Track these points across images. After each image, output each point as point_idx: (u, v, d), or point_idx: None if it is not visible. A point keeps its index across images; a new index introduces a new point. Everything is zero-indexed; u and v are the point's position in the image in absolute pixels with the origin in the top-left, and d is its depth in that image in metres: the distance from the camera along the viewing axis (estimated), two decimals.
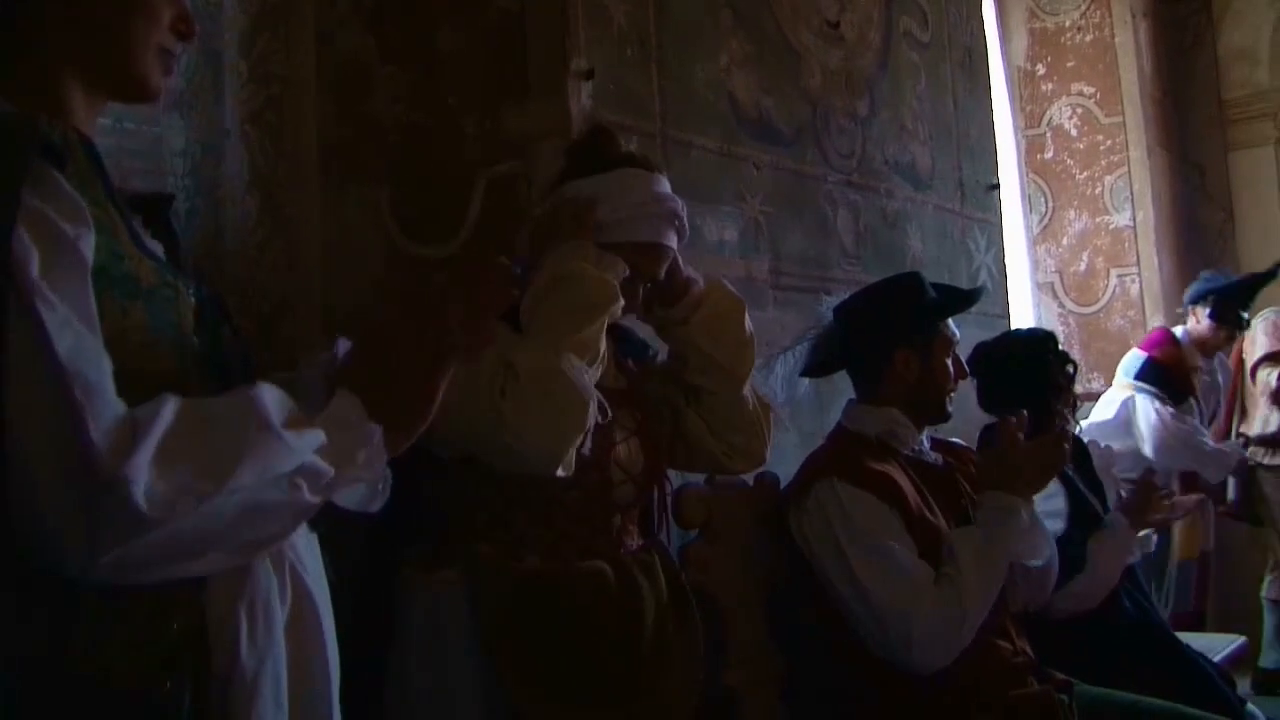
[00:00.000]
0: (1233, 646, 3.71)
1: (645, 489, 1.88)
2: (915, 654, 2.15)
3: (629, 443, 1.86)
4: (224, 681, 1.07)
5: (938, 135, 3.77)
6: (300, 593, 1.17)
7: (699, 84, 2.87)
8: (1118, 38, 5.76)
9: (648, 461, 1.87)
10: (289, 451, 1.04)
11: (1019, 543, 2.29)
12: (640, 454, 1.87)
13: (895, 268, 3.20)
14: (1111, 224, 5.71)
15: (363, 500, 1.13)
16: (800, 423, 2.82)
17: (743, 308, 2.07)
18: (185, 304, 1.17)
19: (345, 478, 1.09)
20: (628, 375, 1.95)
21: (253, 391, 1.06)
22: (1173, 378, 4.50)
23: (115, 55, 1.18)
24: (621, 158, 1.93)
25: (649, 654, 1.77)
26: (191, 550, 1.01)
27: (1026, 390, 3.01)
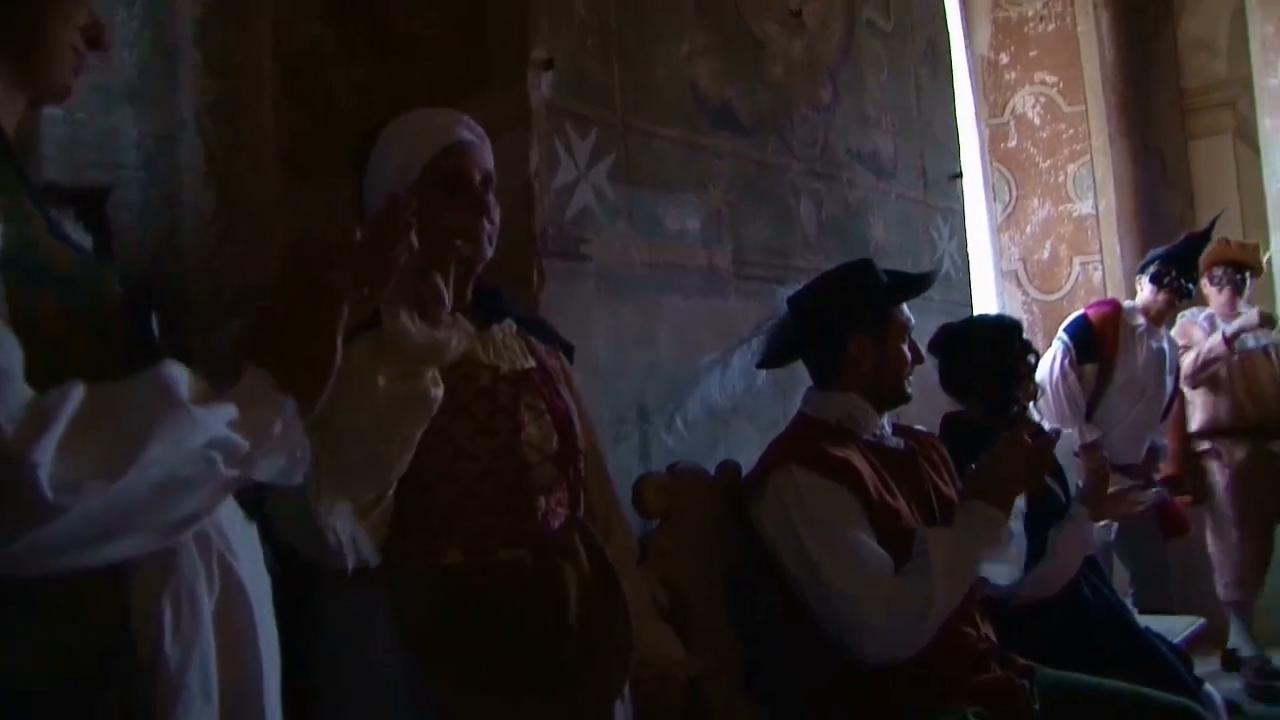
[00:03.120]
0: (1193, 628, 3.75)
1: (565, 467, 1.86)
2: (868, 644, 2.16)
3: (539, 423, 1.84)
4: (148, 674, 1.06)
5: (900, 124, 3.78)
6: (230, 581, 1.15)
7: (661, 73, 2.87)
8: (1080, 27, 5.80)
9: (561, 439, 1.86)
10: (198, 425, 1.03)
11: (992, 556, 2.31)
12: (553, 432, 1.86)
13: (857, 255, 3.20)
14: (1074, 212, 5.76)
15: (283, 473, 1.13)
16: (760, 412, 2.83)
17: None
18: (110, 294, 1.16)
19: (262, 450, 1.09)
20: (535, 355, 1.94)
21: (159, 370, 1.05)
22: (1093, 337, 4.60)
23: (28, 51, 1.18)
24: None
25: (575, 639, 1.77)
26: (107, 533, 1.00)
27: (989, 376, 3.04)
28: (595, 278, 2.61)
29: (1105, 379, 4.62)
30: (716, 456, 2.64)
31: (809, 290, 2.52)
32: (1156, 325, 4.71)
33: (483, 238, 1.86)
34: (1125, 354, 4.62)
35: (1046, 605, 2.81)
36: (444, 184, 1.83)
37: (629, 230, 2.71)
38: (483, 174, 1.88)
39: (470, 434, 1.76)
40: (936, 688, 2.23)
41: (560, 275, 2.53)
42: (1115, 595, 3.12)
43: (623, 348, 2.66)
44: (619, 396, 2.63)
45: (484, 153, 1.91)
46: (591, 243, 2.61)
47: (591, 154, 2.63)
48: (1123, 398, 4.62)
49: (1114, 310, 4.71)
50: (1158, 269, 4.62)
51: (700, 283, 2.89)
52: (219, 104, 2.40)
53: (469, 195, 1.85)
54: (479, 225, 1.85)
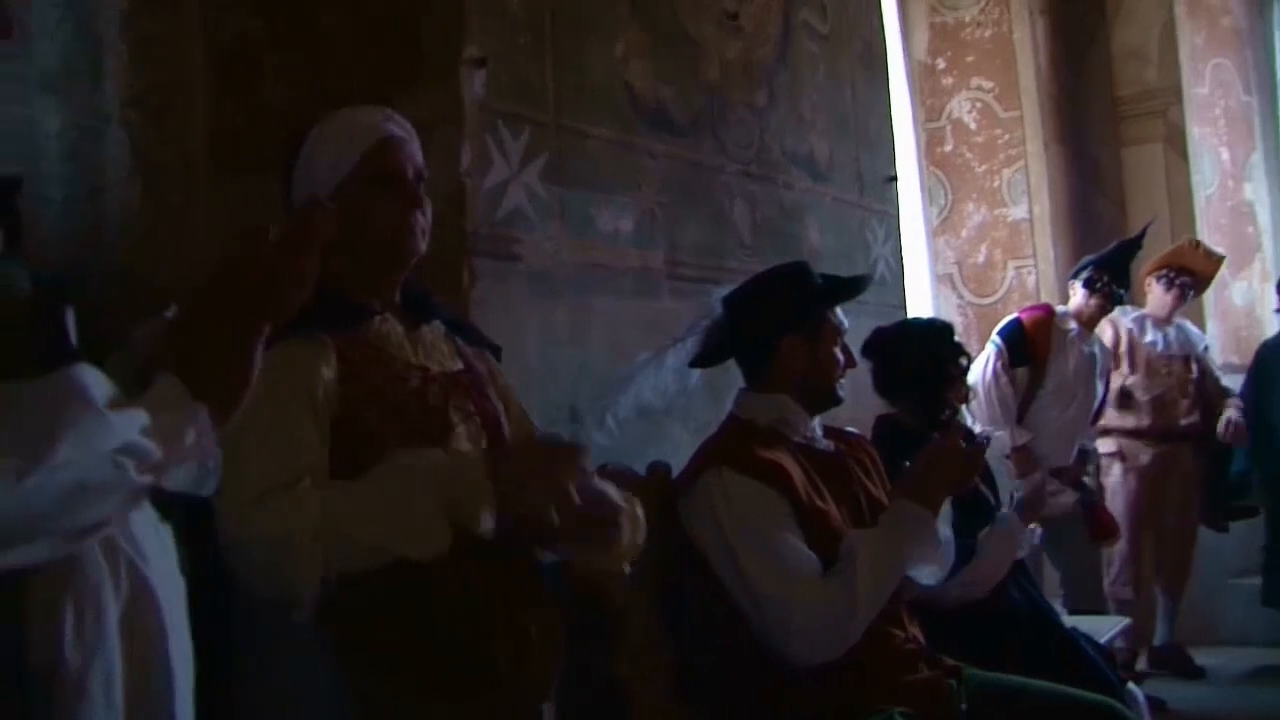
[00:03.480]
0: (1118, 628, 3.80)
1: None
2: (794, 645, 2.17)
3: (468, 424, 1.83)
4: (46, 680, 1.04)
5: (836, 127, 3.80)
6: (138, 586, 1.12)
7: (595, 73, 2.86)
8: (1016, 34, 5.87)
9: (490, 442, 1.86)
10: (110, 428, 1.01)
11: (918, 555, 2.33)
12: (481, 434, 1.85)
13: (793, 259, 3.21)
14: (1009, 216, 5.82)
15: (194, 482, 1.11)
16: (694, 413, 2.83)
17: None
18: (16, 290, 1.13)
19: (174, 459, 1.06)
20: (463, 357, 1.93)
21: (70, 371, 1.03)
22: (1025, 340, 4.64)
23: None
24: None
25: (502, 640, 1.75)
26: (10, 538, 0.97)
27: (921, 379, 3.06)
28: (526, 278, 2.60)
29: (1037, 382, 4.67)
30: (648, 457, 2.63)
31: (743, 290, 2.52)
32: (1088, 330, 4.76)
33: (416, 233, 1.85)
34: (1057, 358, 4.67)
35: (975, 607, 2.83)
36: (375, 180, 1.83)
37: (561, 230, 2.70)
38: (414, 169, 1.87)
39: (401, 435, 1.75)
40: (864, 688, 2.24)
41: (491, 275, 2.52)
42: (1043, 597, 3.15)
43: (554, 348, 2.65)
44: (549, 397, 2.62)
45: (415, 149, 1.90)
46: (523, 243, 2.60)
47: (524, 153, 2.62)
48: (1054, 401, 4.66)
49: (1047, 315, 4.76)
50: (1090, 274, 4.68)
51: (633, 284, 2.89)
52: (146, 96, 2.35)
53: (401, 190, 1.84)
54: (411, 220, 1.84)
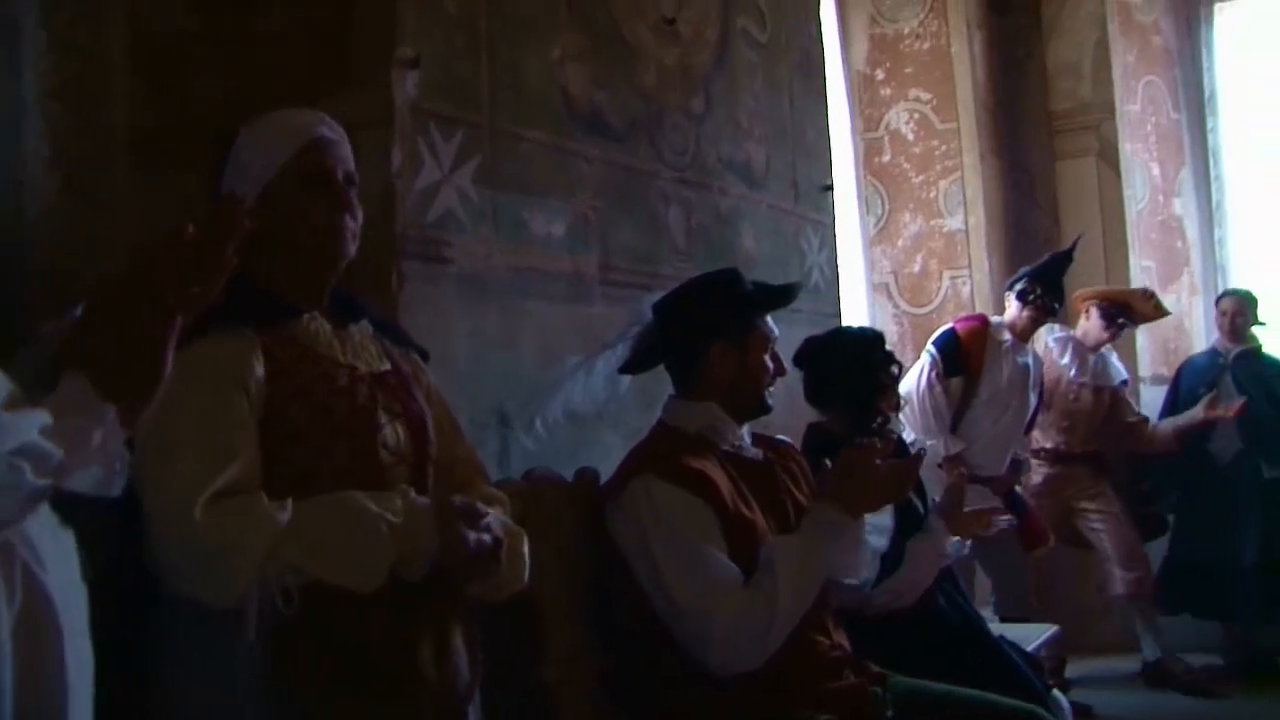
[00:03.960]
0: (1046, 635, 3.84)
1: (418, 471, 1.86)
2: (714, 655, 2.17)
3: (395, 425, 1.83)
4: None
5: (773, 135, 3.81)
6: (35, 594, 1.10)
7: (531, 76, 2.84)
8: (954, 47, 5.92)
9: (415, 443, 1.85)
10: (5, 430, 0.98)
11: (840, 560, 2.33)
12: (408, 435, 1.84)
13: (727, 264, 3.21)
14: (945, 227, 5.87)
15: (99, 484, 1.08)
16: (626, 420, 2.82)
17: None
18: None
19: (77, 460, 1.04)
20: (390, 358, 1.92)
21: None
22: (960, 350, 4.70)
23: None
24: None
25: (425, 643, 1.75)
26: None
27: (852, 387, 3.07)
28: (456, 281, 2.58)
29: (970, 392, 4.72)
30: (579, 463, 2.62)
31: (673, 296, 2.52)
32: (1022, 341, 4.82)
33: (345, 235, 1.84)
34: (991, 368, 4.72)
35: (901, 615, 2.85)
36: (305, 181, 1.82)
37: (493, 234, 2.69)
38: (345, 172, 1.86)
39: (328, 433, 1.75)
40: (788, 695, 2.24)
41: (420, 278, 2.50)
42: (970, 605, 3.17)
43: (483, 352, 2.63)
44: (478, 401, 2.60)
45: (346, 152, 1.89)
46: (453, 246, 2.58)
47: (456, 156, 2.60)
48: (987, 411, 4.71)
49: (982, 325, 4.82)
50: (1024, 287, 4.74)
51: (565, 288, 2.87)
52: (66, 87, 2.30)
53: (330, 192, 1.83)
54: (340, 222, 1.83)
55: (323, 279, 1.86)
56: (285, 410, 1.71)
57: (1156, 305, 5.26)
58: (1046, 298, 4.69)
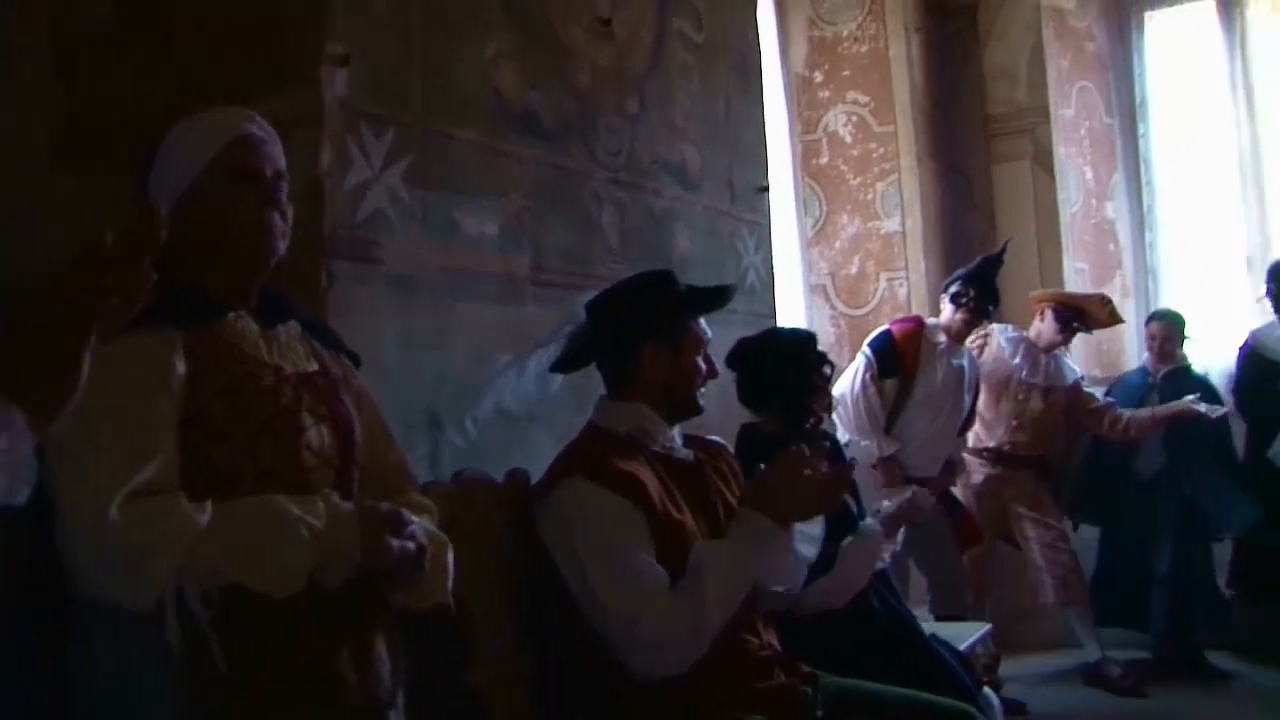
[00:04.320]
0: (979, 634, 3.86)
1: (343, 474, 1.84)
2: (638, 659, 2.16)
3: (319, 428, 1.81)
4: None
5: (709, 136, 3.81)
6: None
7: (463, 75, 2.83)
8: (892, 50, 5.98)
9: (341, 446, 1.83)
10: None
11: (767, 567, 2.33)
12: (333, 438, 1.82)
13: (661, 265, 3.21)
14: (882, 229, 5.92)
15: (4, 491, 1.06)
16: (559, 420, 2.81)
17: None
18: None
19: None
20: (319, 359, 1.90)
21: None
22: (895, 352, 4.72)
23: None
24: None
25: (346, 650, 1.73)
26: None
27: (784, 388, 3.08)
28: (386, 281, 2.56)
29: (905, 394, 4.74)
30: (512, 464, 2.60)
31: (606, 296, 2.51)
32: (957, 343, 4.85)
33: (274, 233, 1.82)
34: (925, 370, 4.75)
35: (834, 615, 2.86)
36: (233, 178, 1.79)
37: (423, 234, 2.67)
38: (274, 170, 1.84)
39: (251, 434, 1.72)
40: (718, 696, 2.24)
41: (350, 278, 2.48)
42: (903, 605, 3.19)
43: (414, 353, 2.61)
44: (409, 402, 2.58)
45: (274, 149, 1.87)
46: (383, 245, 2.56)
47: (387, 155, 2.58)
48: (921, 412, 4.73)
49: (917, 327, 4.84)
50: (957, 289, 4.78)
51: (497, 289, 2.86)
52: None
53: (258, 189, 1.81)
54: (269, 220, 1.81)
55: (250, 277, 1.84)
56: (207, 410, 1.69)
57: (1112, 312, 5.32)
58: (979, 300, 4.74)
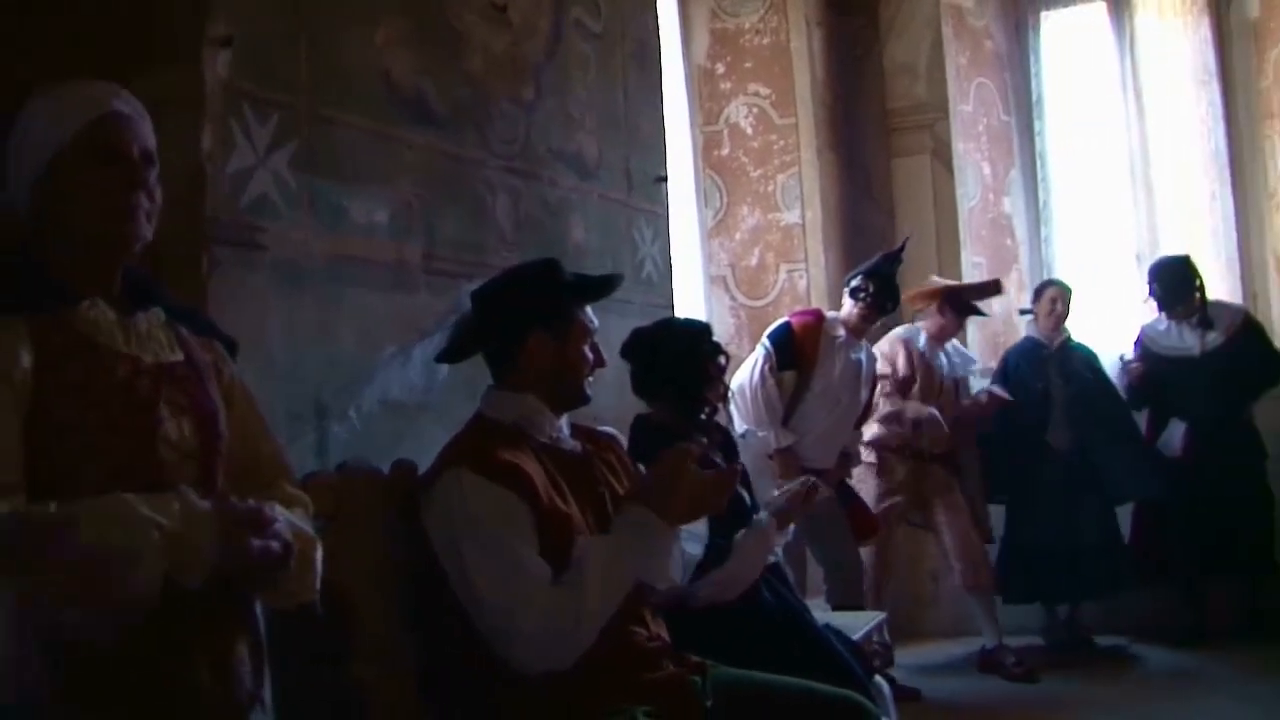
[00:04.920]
0: (873, 623, 3.91)
1: (206, 467, 1.77)
2: (517, 652, 2.14)
3: (179, 421, 1.74)
4: None
5: (606, 126, 3.79)
6: None
7: (351, 59, 2.78)
8: (793, 43, 6.01)
9: (203, 438, 1.77)
10: None
11: (650, 564, 2.32)
12: (195, 431, 1.76)
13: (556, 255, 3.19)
14: (782, 221, 5.96)
15: None
16: (449, 411, 2.77)
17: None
18: None
19: None
20: (184, 348, 1.83)
21: None
22: (795, 344, 4.76)
23: None
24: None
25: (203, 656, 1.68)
26: None
27: (678, 379, 3.08)
28: (271, 269, 2.51)
29: (803, 386, 4.78)
30: (402, 455, 2.56)
31: (491, 285, 2.48)
32: (856, 338, 4.90)
33: (138, 216, 1.73)
34: (824, 363, 4.79)
35: (726, 606, 2.87)
36: (96, 156, 1.71)
37: (310, 220, 2.62)
38: (141, 150, 1.75)
39: (103, 428, 1.64)
40: (605, 687, 2.23)
41: (232, 264, 2.42)
42: (795, 595, 3.21)
43: (300, 342, 2.57)
44: (295, 393, 2.54)
45: (143, 128, 1.78)
46: (268, 232, 2.50)
47: (272, 139, 2.53)
48: (818, 405, 4.78)
49: (817, 320, 4.88)
50: (857, 284, 4.82)
51: (387, 277, 2.82)
52: None
53: (123, 169, 1.72)
54: (134, 202, 1.72)
55: (110, 262, 1.75)
56: (54, 404, 1.61)
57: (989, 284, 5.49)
58: (878, 296, 4.79)
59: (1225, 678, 4.93)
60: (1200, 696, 4.65)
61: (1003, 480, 5.55)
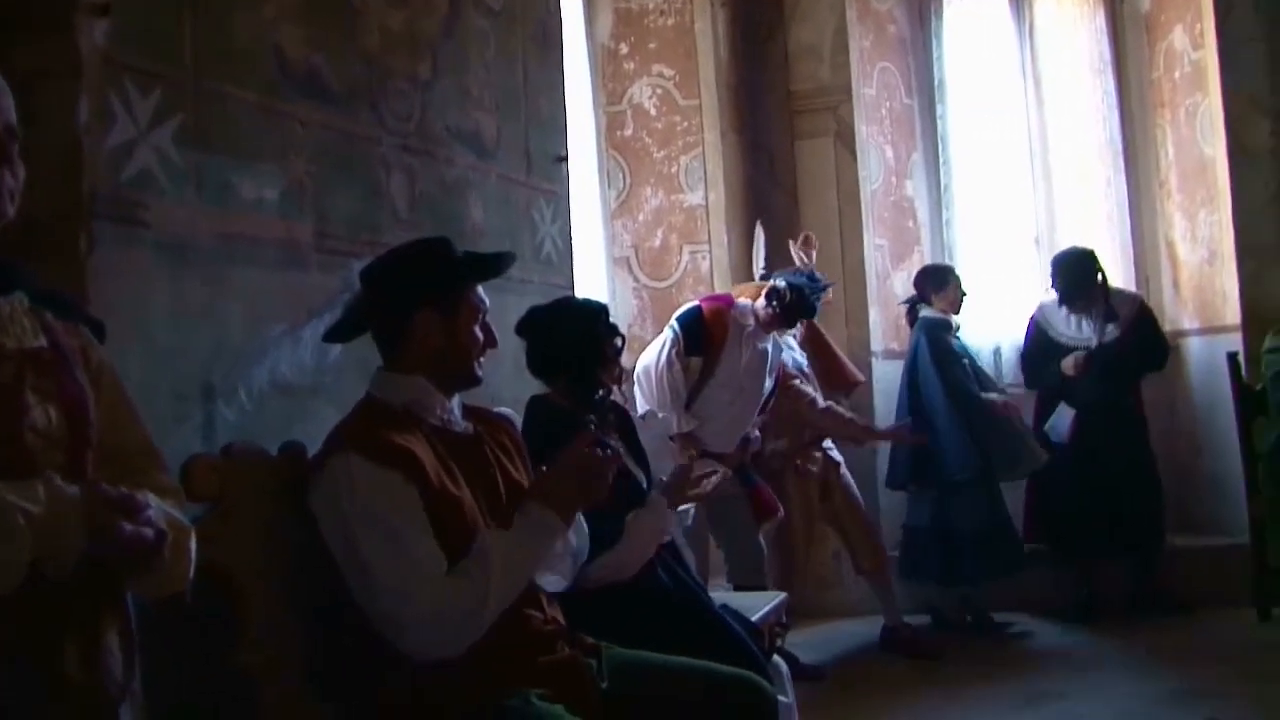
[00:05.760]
0: (772, 603, 3.93)
1: (75, 456, 1.72)
2: (408, 639, 2.12)
3: (45, 408, 1.68)
4: None
5: (505, 105, 3.76)
6: None
7: (239, 32, 2.71)
8: (697, 24, 6.01)
9: (71, 426, 1.72)
10: None
11: (546, 562, 2.34)
12: (62, 417, 1.71)
13: (453, 234, 3.15)
14: (685, 202, 5.97)
15: None
16: (342, 393, 2.72)
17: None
18: None
19: None
20: (49, 334, 1.77)
21: None
22: (704, 330, 4.75)
23: None
24: None
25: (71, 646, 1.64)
26: None
27: (575, 359, 3.06)
28: (155, 247, 2.44)
29: (709, 372, 4.77)
30: (294, 437, 2.51)
31: (379, 263, 2.43)
32: (765, 329, 4.87)
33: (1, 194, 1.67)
34: (730, 351, 4.77)
35: (623, 588, 2.87)
36: None
37: (196, 197, 2.55)
38: (3, 124, 1.67)
39: None
40: (499, 672, 2.21)
41: (113, 242, 2.35)
42: (691, 576, 3.22)
43: (186, 322, 2.50)
44: (180, 374, 2.48)
45: (5, 102, 1.70)
46: (151, 209, 2.43)
47: (155, 113, 2.45)
48: (722, 392, 4.77)
49: (727, 307, 4.86)
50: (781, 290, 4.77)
51: (277, 255, 2.76)
52: None
53: None
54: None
55: None
56: None
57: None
58: (789, 313, 4.80)
59: (1116, 652, 5.09)
60: (1092, 671, 4.80)
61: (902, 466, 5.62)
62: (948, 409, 5.45)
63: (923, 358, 5.58)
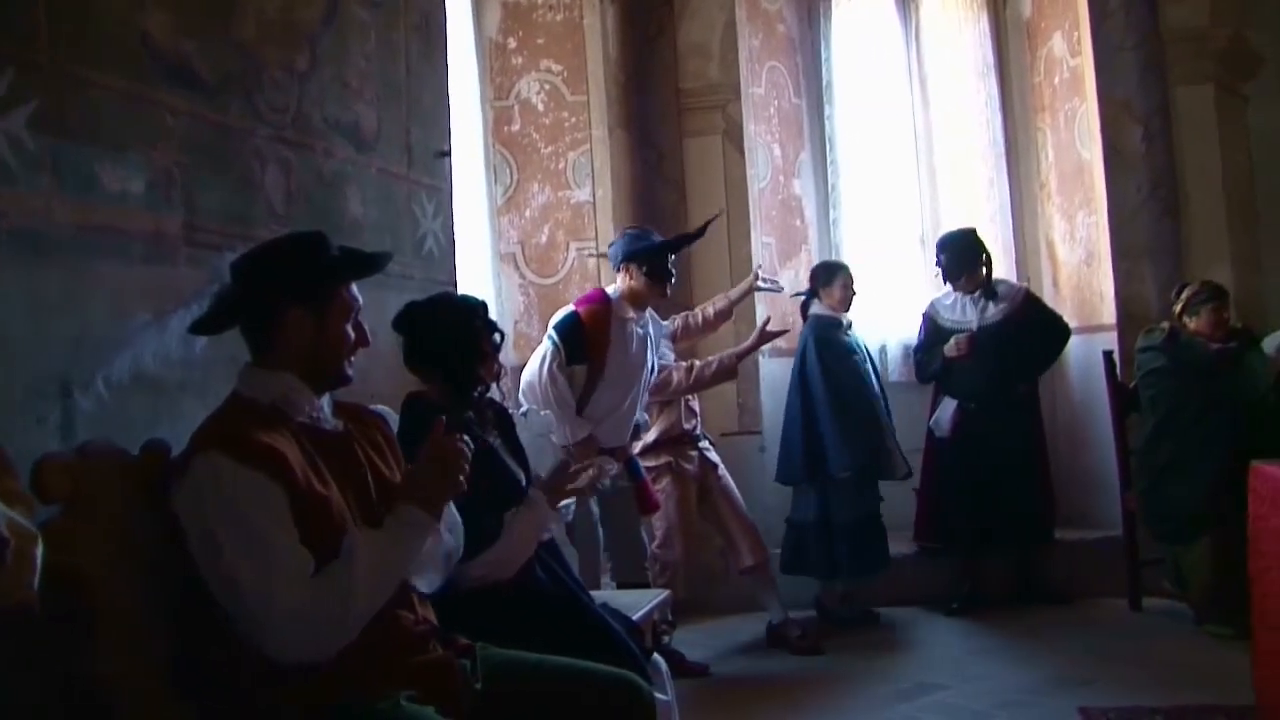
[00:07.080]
0: (654, 602, 3.93)
1: None
2: (271, 641, 2.06)
3: None
4: None
5: (386, 97, 3.69)
6: None
7: (104, 16, 2.61)
8: (586, 20, 5.98)
9: None
10: None
11: (416, 563, 2.30)
12: None
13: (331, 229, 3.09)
14: (573, 199, 5.94)
15: None
16: (211, 389, 2.64)
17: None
18: None
19: None
20: None
21: None
22: (584, 337, 4.62)
23: None
24: None
25: None
26: None
27: (451, 355, 3.02)
28: (8, 238, 2.34)
29: (596, 374, 4.64)
30: (158, 434, 2.44)
31: (250, 256, 2.35)
32: (640, 311, 4.77)
33: None
34: (615, 348, 4.66)
35: (500, 587, 2.85)
36: None
37: (54, 187, 2.45)
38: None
39: None
40: (370, 673, 2.17)
41: None
42: (571, 575, 3.19)
43: (43, 317, 2.41)
44: (37, 370, 2.38)
45: None
46: (4, 198, 2.33)
47: (6, 97, 2.34)
48: (614, 390, 4.67)
49: (604, 304, 4.71)
50: (653, 265, 4.68)
51: (143, 249, 2.68)
52: None
53: None
54: None
55: None
56: None
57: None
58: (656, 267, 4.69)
59: (997, 643, 5.19)
60: (976, 663, 4.88)
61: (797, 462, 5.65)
62: (830, 407, 5.50)
63: (810, 355, 5.62)
